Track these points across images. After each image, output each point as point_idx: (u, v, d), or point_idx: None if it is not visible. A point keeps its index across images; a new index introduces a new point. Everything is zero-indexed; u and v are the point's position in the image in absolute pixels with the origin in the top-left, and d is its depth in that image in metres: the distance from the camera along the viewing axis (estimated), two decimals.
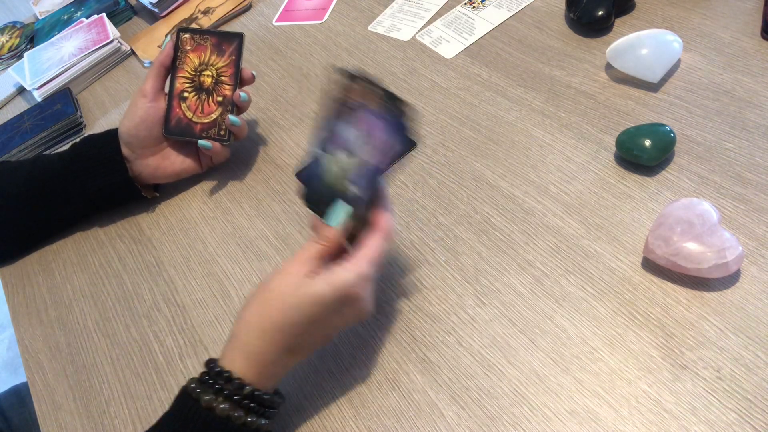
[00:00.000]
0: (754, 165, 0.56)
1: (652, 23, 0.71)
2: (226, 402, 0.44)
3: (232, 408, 0.44)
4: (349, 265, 0.46)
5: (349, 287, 0.45)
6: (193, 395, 0.45)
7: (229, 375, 0.45)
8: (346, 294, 0.45)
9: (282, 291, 0.46)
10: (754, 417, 0.43)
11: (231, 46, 0.69)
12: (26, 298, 0.71)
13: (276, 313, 0.45)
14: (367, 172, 0.49)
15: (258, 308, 0.47)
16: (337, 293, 0.45)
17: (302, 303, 0.45)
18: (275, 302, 0.46)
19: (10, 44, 1.13)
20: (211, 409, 0.44)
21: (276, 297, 0.46)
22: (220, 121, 0.69)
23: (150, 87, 0.68)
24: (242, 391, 0.45)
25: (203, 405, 0.44)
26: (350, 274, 0.45)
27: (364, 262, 0.46)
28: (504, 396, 0.49)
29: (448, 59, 0.78)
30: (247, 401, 0.45)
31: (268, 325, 0.46)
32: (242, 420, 0.44)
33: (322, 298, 0.45)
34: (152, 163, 0.70)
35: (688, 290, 0.50)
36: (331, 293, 0.45)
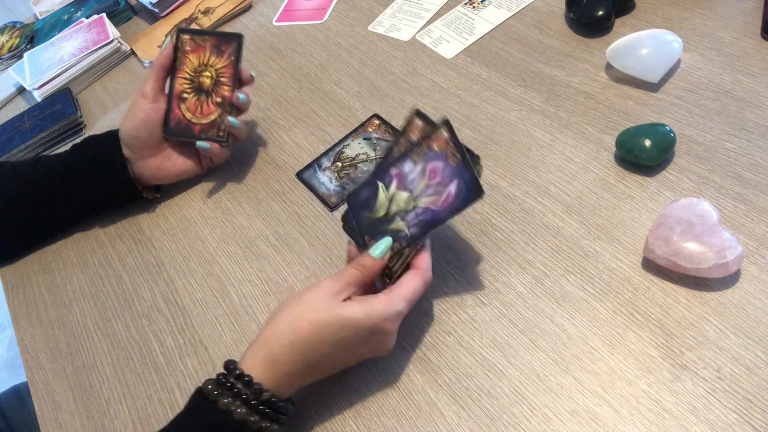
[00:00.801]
0: (754, 165, 0.56)
1: (652, 23, 0.71)
2: (244, 406, 0.44)
3: (249, 413, 0.44)
4: (386, 299, 0.47)
5: (382, 320, 0.46)
6: (211, 397, 0.45)
7: (250, 379, 0.45)
8: (377, 325, 0.46)
9: (316, 307, 0.46)
10: (754, 417, 0.43)
11: (230, 46, 0.69)
12: (26, 298, 0.71)
13: (308, 327, 0.46)
14: (426, 217, 0.49)
15: (290, 319, 0.47)
16: (370, 323, 0.46)
17: (334, 324, 0.45)
18: (309, 317, 0.46)
19: (10, 44, 1.13)
20: (229, 412, 0.44)
21: (310, 312, 0.46)
22: (219, 122, 0.69)
23: (150, 88, 0.68)
24: (261, 396, 0.45)
25: (221, 408, 0.44)
26: (386, 308, 0.46)
27: (401, 298, 0.47)
28: (504, 396, 0.49)
29: (448, 59, 0.78)
30: (263, 407, 0.45)
31: (297, 338, 0.46)
32: (258, 425, 0.44)
33: (355, 324, 0.46)
34: (153, 164, 0.70)
35: (688, 290, 0.50)
36: (364, 321, 0.46)
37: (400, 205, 0.51)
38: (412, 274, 0.49)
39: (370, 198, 0.52)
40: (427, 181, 0.50)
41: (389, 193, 0.51)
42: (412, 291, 0.48)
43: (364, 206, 0.53)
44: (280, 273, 0.63)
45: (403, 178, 0.51)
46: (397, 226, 0.50)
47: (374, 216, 0.52)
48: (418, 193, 0.50)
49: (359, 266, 0.49)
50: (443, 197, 0.49)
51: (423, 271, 0.49)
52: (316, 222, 0.66)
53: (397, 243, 0.50)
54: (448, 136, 0.49)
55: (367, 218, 0.52)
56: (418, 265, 0.50)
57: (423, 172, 0.50)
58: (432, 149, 0.50)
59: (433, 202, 0.49)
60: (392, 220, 0.51)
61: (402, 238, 0.50)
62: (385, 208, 0.51)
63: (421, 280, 0.49)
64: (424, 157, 0.50)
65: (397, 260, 0.50)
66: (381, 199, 0.52)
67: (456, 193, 0.48)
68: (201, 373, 0.58)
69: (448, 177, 0.49)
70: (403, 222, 0.50)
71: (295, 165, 0.73)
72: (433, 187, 0.49)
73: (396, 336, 0.50)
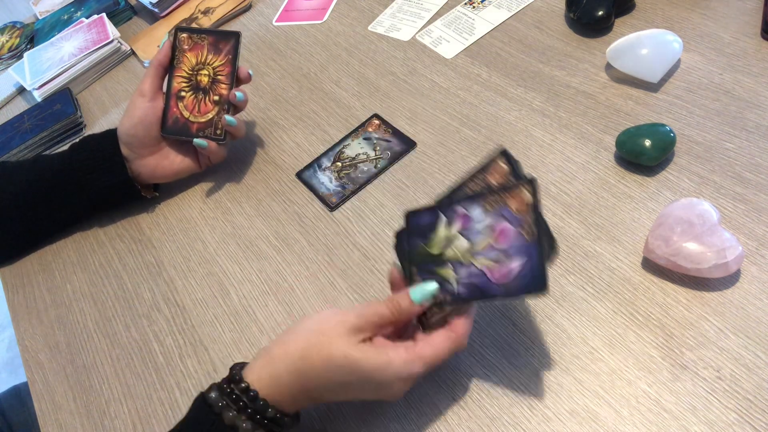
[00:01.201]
0: (754, 165, 0.56)
1: (652, 23, 0.71)
2: (249, 422, 0.43)
3: (254, 428, 0.43)
4: (405, 356, 0.43)
5: (394, 379, 0.43)
6: (215, 409, 0.44)
7: (255, 394, 0.44)
8: (387, 382, 0.43)
9: (332, 342, 0.43)
10: (754, 417, 0.43)
11: (227, 45, 0.69)
12: (26, 298, 0.71)
13: (318, 363, 0.43)
14: (477, 281, 0.44)
15: (304, 345, 0.44)
16: (380, 377, 0.43)
17: (345, 366, 0.43)
18: (322, 352, 0.43)
19: (10, 44, 1.13)
20: (235, 427, 0.43)
21: (325, 346, 0.43)
22: (216, 120, 0.69)
23: (148, 86, 0.68)
24: (266, 413, 0.44)
25: (226, 422, 0.43)
26: (402, 367, 0.43)
27: (420, 360, 0.43)
28: (504, 396, 0.49)
29: (448, 59, 0.78)
30: (268, 422, 0.44)
31: (306, 368, 0.44)
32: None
33: (366, 373, 0.43)
34: (151, 162, 0.70)
35: (688, 290, 0.50)
36: (375, 374, 0.43)
37: (457, 253, 0.45)
38: (444, 336, 0.44)
39: (428, 227, 0.47)
40: (492, 240, 0.44)
41: (449, 233, 0.46)
42: (437, 354, 0.43)
43: (420, 233, 0.47)
44: (280, 273, 0.63)
45: (468, 224, 0.45)
46: (448, 274, 0.45)
47: (427, 250, 0.47)
48: (478, 249, 0.44)
49: (393, 306, 0.45)
50: (503, 269, 0.43)
51: (458, 336, 0.44)
52: (316, 222, 0.66)
53: (442, 294, 0.45)
54: (531, 199, 0.43)
55: (420, 248, 0.47)
56: (454, 328, 0.45)
57: (491, 229, 0.44)
58: (508, 207, 0.44)
59: (491, 268, 0.43)
60: (444, 264, 0.45)
61: (447, 291, 0.45)
62: (441, 248, 0.46)
63: (452, 344, 0.44)
64: (497, 210, 0.44)
65: (435, 313, 0.45)
66: (440, 235, 0.46)
67: (517, 273, 0.42)
68: (201, 373, 0.58)
69: (516, 250, 0.43)
70: (454, 274, 0.45)
71: (295, 165, 0.73)
72: (497, 251, 0.43)
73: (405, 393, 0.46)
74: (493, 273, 0.43)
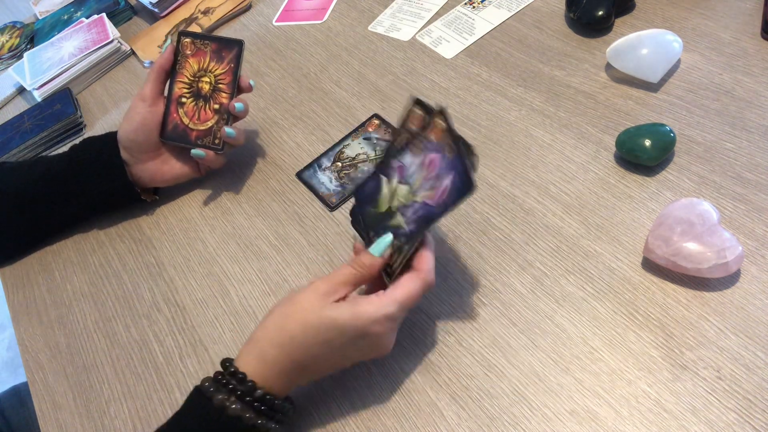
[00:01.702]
0: (754, 165, 0.56)
1: (652, 23, 0.71)
2: (238, 402, 0.44)
3: (244, 409, 0.44)
4: (376, 300, 0.45)
5: (369, 322, 0.45)
6: (206, 393, 0.45)
7: (243, 376, 0.45)
8: (365, 328, 0.45)
9: (305, 308, 0.46)
10: (754, 417, 0.43)
11: (230, 53, 0.68)
12: (26, 298, 0.71)
13: (295, 328, 0.45)
14: (422, 213, 0.47)
15: (279, 320, 0.47)
16: (357, 324, 0.45)
17: (321, 325, 0.45)
18: (297, 318, 0.46)
19: (10, 44, 1.13)
20: (224, 408, 0.44)
21: (298, 313, 0.46)
22: (215, 129, 0.68)
23: (149, 91, 0.68)
24: (254, 393, 0.45)
25: (215, 404, 0.44)
26: (374, 310, 0.45)
27: (392, 301, 0.45)
28: (504, 396, 0.49)
29: (448, 59, 0.78)
30: (258, 404, 0.45)
31: (286, 338, 0.46)
32: (253, 421, 0.45)
33: (342, 326, 0.45)
34: (151, 167, 0.70)
35: (688, 290, 0.50)
36: (350, 322, 0.45)
37: (401, 200, 0.49)
38: (410, 276, 0.47)
39: (374, 192, 0.51)
40: (425, 173, 0.48)
41: (391, 187, 0.50)
42: (408, 293, 0.46)
43: (369, 200, 0.51)
44: (280, 273, 0.63)
45: (404, 171, 0.49)
46: (398, 222, 0.49)
47: (377, 211, 0.51)
48: (416, 187, 0.48)
49: (357, 264, 0.48)
50: (439, 191, 0.47)
51: (423, 273, 0.47)
52: (316, 222, 0.66)
53: (398, 240, 0.48)
54: (445, 125, 0.47)
55: (370, 213, 0.51)
56: (418, 266, 0.47)
57: (422, 164, 0.48)
58: (430, 140, 0.48)
59: (429, 196, 0.47)
60: (394, 215, 0.49)
61: (401, 235, 0.48)
62: (388, 203, 0.50)
63: (420, 282, 0.46)
64: (422, 148, 0.49)
65: (396, 260, 0.49)
66: (384, 193, 0.50)
67: (450, 186, 0.46)
68: (201, 373, 0.58)
69: (445, 170, 0.47)
70: (403, 218, 0.48)
71: (295, 165, 0.73)
72: (431, 180, 0.47)
73: (393, 338, 0.48)
74: (432, 199, 0.47)
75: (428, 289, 0.48)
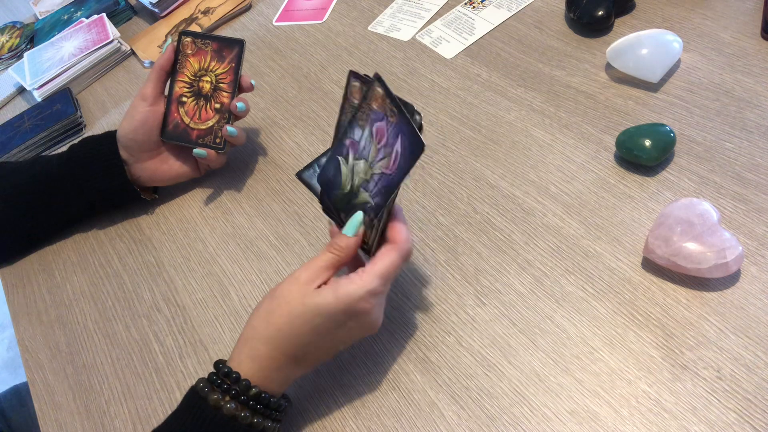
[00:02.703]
0: (754, 165, 0.56)
1: (652, 23, 0.71)
2: (233, 402, 0.45)
3: (239, 408, 0.45)
4: (357, 278, 0.45)
5: (354, 301, 0.45)
6: (201, 394, 0.45)
7: (237, 376, 0.45)
8: (351, 307, 0.45)
9: (288, 299, 0.46)
10: (754, 417, 0.43)
11: (231, 52, 0.69)
12: (26, 298, 0.71)
13: (282, 321, 0.46)
14: (384, 183, 0.47)
15: (265, 315, 0.47)
16: (342, 306, 0.45)
17: (306, 313, 0.45)
18: (282, 310, 0.46)
19: (10, 44, 1.13)
20: (219, 408, 0.44)
21: (282, 305, 0.46)
22: (216, 128, 0.68)
23: (150, 90, 0.68)
24: (249, 392, 0.45)
25: (211, 404, 0.44)
26: (357, 288, 0.45)
27: (373, 276, 0.45)
28: (504, 396, 0.49)
29: (448, 59, 0.78)
30: (253, 402, 0.45)
31: (274, 332, 0.46)
32: (248, 420, 0.45)
33: (326, 310, 0.45)
34: (150, 166, 0.70)
35: (688, 290, 0.50)
36: (335, 305, 0.45)
37: (361, 176, 0.48)
38: (386, 249, 0.47)
39: (335, 174, 0.50)
40: (376, 144, 0.47)
41: (349, 165, 0.49)
42: (387, 266, 0.46)
43: (333, 184, 0.51)
44: (280, 273, 0.63)
45: (356, 146, 0.49)
46: (363, 198, 0.48)
47: (343, 192, 0.50)
48: (372, 159, 0.48)
49: (334, 248, 0.47)
50: (393, 158, 0.46)
51: (398, 244, 0.47)
52: (316, 222, 0.66)
53: (367, 215, 0.48)
54: (383, 91, 0.46)
55: (337, 196, 0.50)
56: (393, 237, 0.47)
57: (371, 135, 0.48)
58: (372, 109, 0.47)
59: (386, 166, 0.47)
60: (358, 192, 0.49)
61: (369, 210, 0.48)
62: (350, 181, 0.49)
63: (396, 254, 0.46)
64: (367, 119, 0.48)
65: (370, 235, 0.48)
66: (344, 173, 0.50)
67: (401, 151, 0.46)
68: (201, 373, 0.58)
69: (393, 136, 0.46)
70: (367, 193, 0.48)
71: (295, 165, 0.73)
72: (383, 149, 0.47)
73: (381, 314, 0.48)
74: (389, 168, 0.46)
75: (407, 257, 0.47)
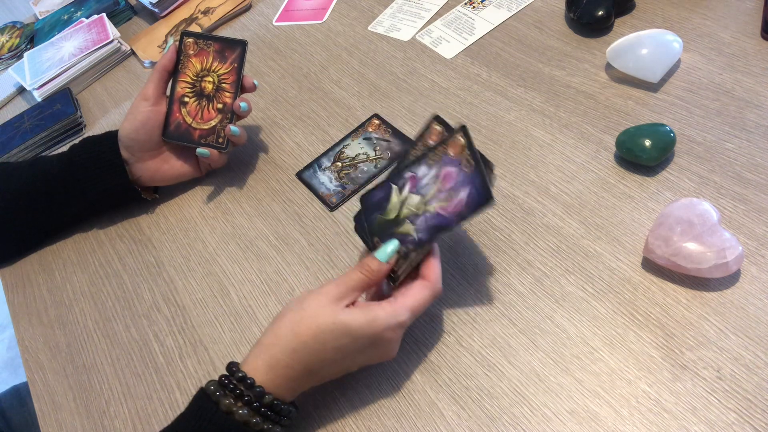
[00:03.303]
0: (754, 165, 0.56)
1: (652, 23, 0.71)
2: (246, 408, 0.44)
3: (251, 414, 0.44)
4: (389, 308, 0.46)
5: (383, 329, 0.45)
6: (213, 398, 0.45)
7: (252, 382, 0.45)
8: (378, 335, 0.46)
9: (318, 313, 0.46)
10: (754, 417, 0.43)
11: (233, 53, 0.69)
12: (26, 298, 0.71)
13: (307, 333, 0.45)
14: (435, 222, 0.48)
15: (292, 325, 0.46)
16: (371, 331, 0.45)
17: (335, 331, 0.45)
18: (310, 323, 0.46)
19: (10, 44, 1.13)
20: (231, 413, 0.44)
21: (311, 318, 0.46)
22: (219, 128, 0.68)
23: (152, 90, 0.68)
24: (263, 399, 0.45)
25: (223, 409, 0.44)
26: (388, 316, 0.45)
27: (404, 309, 0.46)
28: (504, 396, 0.49)
29: (448, 59, 0.78)
30: (265, 409, 0.45)
31: (299, 344, 0.46)
32: (260, 427, 0.45)
33: (356, 332, 0.45)
34: (151, 166, 0.70)
35: (688, 290, 0.50)
36: (365, 329, 0.45)
37: (411, 209, 0.50)
38: (420, 285, 0.47)
39: (383, 200, 0.52)
40: (440, 185, 0.49)
41: (402, 196, 0.50)
42: (419, 302, 0.47)
43: (376, 208, 0.52)
44: (280, 273, 0.63)
45: (417, 182, 0.50)
46: (406, 229, 0.49)
47: (385, 218, 0.51)
48: (429, 198, 0.49)
49: (364, 269, 0.48)
50: (454, 203, 0.48)
51: (432, 283, 0.48)
52: (316, 222, 0.66)
53: (404, 247, 0.49)
54: (465, 142, 0.48)
55: (377, 220, 0.51)
56: (427, 275, 0.48)
57: (436, 177, 0.49)
58: (447, 154, 0.49)
59: (443, 207, 0.48)
60: (402, 223, 0.50)
61: (410, 242, 0.49)
62: (397, 211, 0.50)
63: (430, 292, 0.47)
64: (439, 162, 0.49)
65: (401, 265, 0.49)
66: (393, 202, 0.51)
67: (466, 199, 0.47)
68: (201, 373, 0.58)
69: (461, 183, 0.48)
70: (412, 226, 0.49)
71: (295, 165, 0.73)
72: (445, 192, 0.48)
73: (399, 344, 0.49)
74: (446, 209, 0.48)
75: (436, 297, 0.48)
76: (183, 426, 0.46)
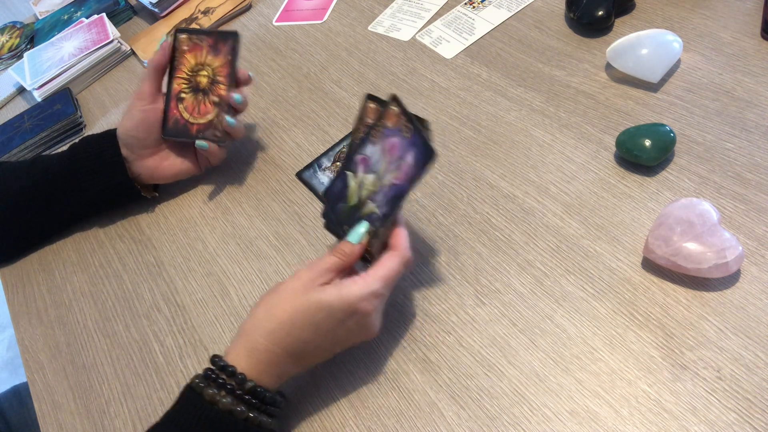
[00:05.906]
0: (754, 165, 0.56)
1: (652, 23, 0.71)
2: (229, 396, 0.45)
3: (235, 403, 0.45)
4: (360, 280, 0.47)
5: (356, 300, 0.46)
6: (197, 389, 0.45)
7: (233, 370, 0.46)
8: (353, 306, 0.46)
9: (292, 294, 0.47)
10: (754, 417, 0.43)
11: (226, 45, 0.69)
12: (26, 298, 0.71)
13: (283, 314, 0.46)
14: (392, 193, 0.49)
15: (267, 308, 0.48)
16: (344, 303, 0.46)
17: (309, 308, 0.46)
18: (284, 304, 0.47)
19: (10, 44, 1.13)
20: (214, 403, 0.45)
21: (285, 299, 0.47)
22: (216, 121, 0.69)
23: (147, 89, 0.68)
24: (244, 386, 0.45)
25: (206, 399, 0.45)
26: (359, 288, 0.46)
27: (375, 279, 0.47)
28: (504, 396, 0.49)
29: (448, 59, 0.78)
30: (249, 396, 0.45)
31: (275, 325, 0.46)
32: (245, 415, 0.45)
33: (329, 306, 0.46)
34: (151, 164, 0.70)
35: (688, 290, 0.50)
36: (338, 302, 0.46)
37: (369, 188, 0.51)
38: (389, 255, 0.49)
39: (342, 189, 0.53)
40: (388, 158, 0.50)
41: (358, 180, 0.52)
42: (389, 270, 0.48)
43: (339, 198, 0.53)
44: (280, 273, 0.63)
45: (368, 162, 0.51)
46: (369, 209, 0.51)
47: (348, 205, 0.52)
48: (382, 173, 0.50)
49: (338, 252, 0.49)
50: (404, 169, 0.49)
51: (400, 251, 0.49)
52: (316, 222, 0.66)
53: (372, 225, 0.50)
54: (399, 109, 0.50)
55: (342, 209, 0.53)
56: (395, 244, 0.50)
57: (383, 151, 0.51)
58: (387, 127, 0.50)
59: (396, 177, 0.49)
60: (365, 204, 0.51)
61: (375, 220, 0.50)
62: (357, 195, 0.52)
63: (398, 259, 0.49)
64: (381, 136, 0.51)
65: (373, 243, 0.50)
66: (352, 187, 0.52)
67: (413, 162, 0.48)
68: None
69: (405, 149, 0.49)
70: (374, 204, 0.50)
71: (295, 165, 0.73)
72: (395, 162, 0.50)
73: (379, 319, 0.49)
74: (399, 178, 0.49)
75: (407, 264, 0.50)
76: (171, 420, 0.46)
